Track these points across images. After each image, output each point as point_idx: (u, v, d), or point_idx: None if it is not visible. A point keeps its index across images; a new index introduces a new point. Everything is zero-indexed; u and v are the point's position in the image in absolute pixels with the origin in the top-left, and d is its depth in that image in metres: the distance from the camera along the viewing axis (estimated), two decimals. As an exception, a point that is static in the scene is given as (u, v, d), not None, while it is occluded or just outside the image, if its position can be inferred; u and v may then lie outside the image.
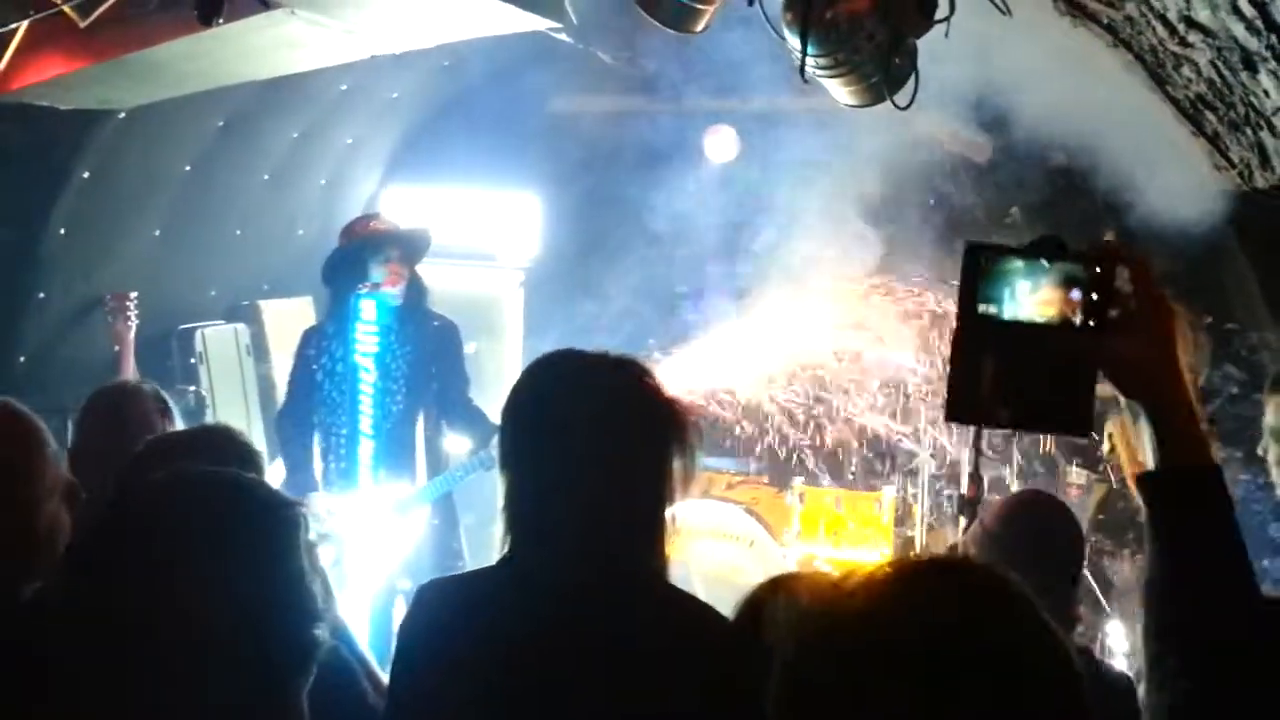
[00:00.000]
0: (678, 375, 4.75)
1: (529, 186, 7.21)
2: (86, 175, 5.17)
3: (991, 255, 1.31)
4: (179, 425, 3.10)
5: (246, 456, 2.36)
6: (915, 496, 5.92)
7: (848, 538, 5.79)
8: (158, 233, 5.79)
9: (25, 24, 3.60)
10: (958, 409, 1.35)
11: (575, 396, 2.01)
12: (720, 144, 7.24)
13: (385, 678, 2.31)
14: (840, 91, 2.89)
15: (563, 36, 5.72)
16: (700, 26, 3.02)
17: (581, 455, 1.95)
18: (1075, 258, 1.30)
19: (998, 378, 1.31)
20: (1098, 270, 1.29)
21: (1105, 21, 2.86)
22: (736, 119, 6.98)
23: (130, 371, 5.14)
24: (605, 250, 6.69)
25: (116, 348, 5.20)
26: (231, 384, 6.37)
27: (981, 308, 1.30)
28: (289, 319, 6.81)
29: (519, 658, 1.90)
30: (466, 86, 7.04)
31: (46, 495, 1.97)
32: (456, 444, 5.11)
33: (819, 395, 6.05)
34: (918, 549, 5.78)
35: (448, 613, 2.03)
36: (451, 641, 1.98)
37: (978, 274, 1.31)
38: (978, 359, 1.31)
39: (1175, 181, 3.54)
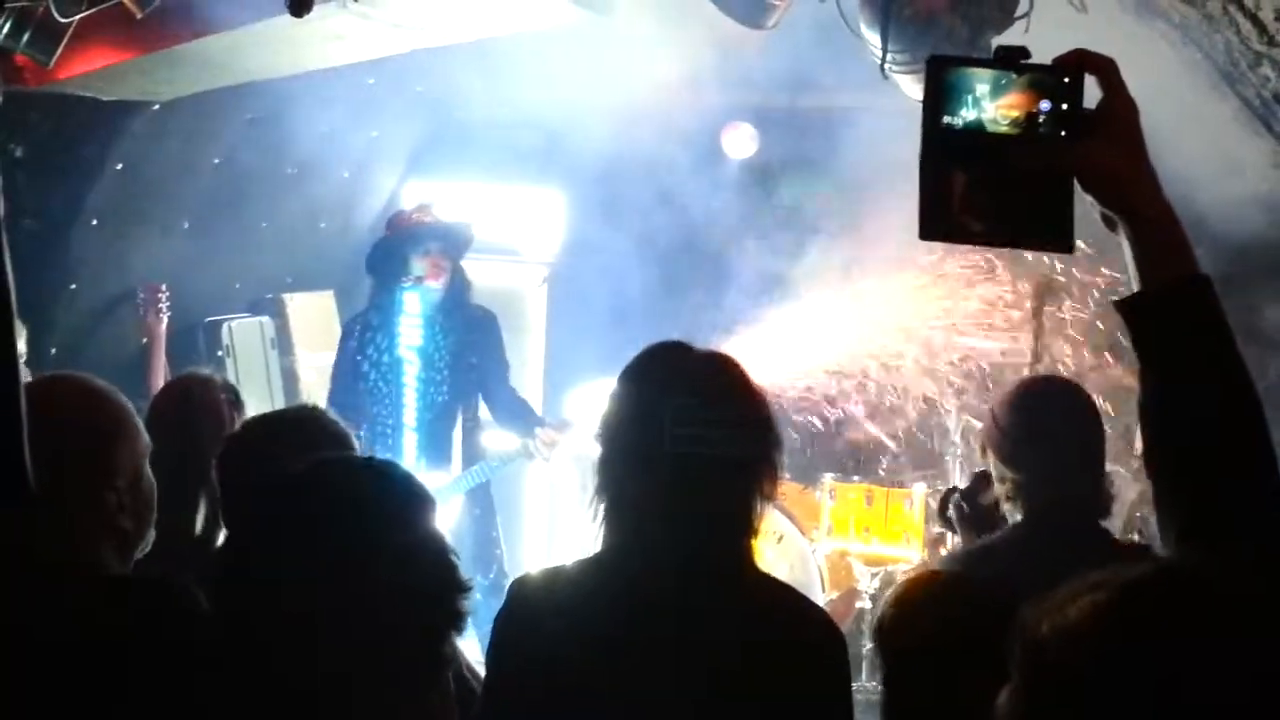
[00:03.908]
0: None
1: (553, 182, 7.21)
2: (119, 167, 5.16)
3: (954, 67, 1.26)
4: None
5: (342, 437, 2.38)
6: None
7: (879, 534, 5.81)
8: (186, 225, 5.78)
9: (80, 15, 3.58)
10: (931, 228, 1.27)
11: (681, 391, 2.01)
12: (738, 140, 7.24)
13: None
14: (914, 88, 2.90)
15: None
16: (772, 22, 3.03)
17: (683, 451, 1.95)
18: (1041, 67, 1.26)
19: (968, 191, 1.26)
20: (1066, 80, 1.25)
21: (1176, 20, 2.89)
22: (761, 114, 6.98)
23: (161, 364, 5.14)
24: (630, 246, 6.69)
25: (145, 340, 5.19)
26: (256, 376, 6.36)
27: (946, 119, 1.25)
28: (312, 312, 6.82)
29: (614, 650, 1.90)
30: (492, 80, 7.03)
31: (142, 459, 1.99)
32: (496, 436, 5.13)
33: (851, 390, 6.06)
34: (948, 546, 5.79)
35: (543, 606, 2.03)
36: (548, 635, 1.98)
37: (941, 87, 1.26)
38: (946, 174, 1.26)
39: (1226, 180, 3.56)
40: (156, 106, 4.99)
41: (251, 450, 2.33)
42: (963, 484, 3.40)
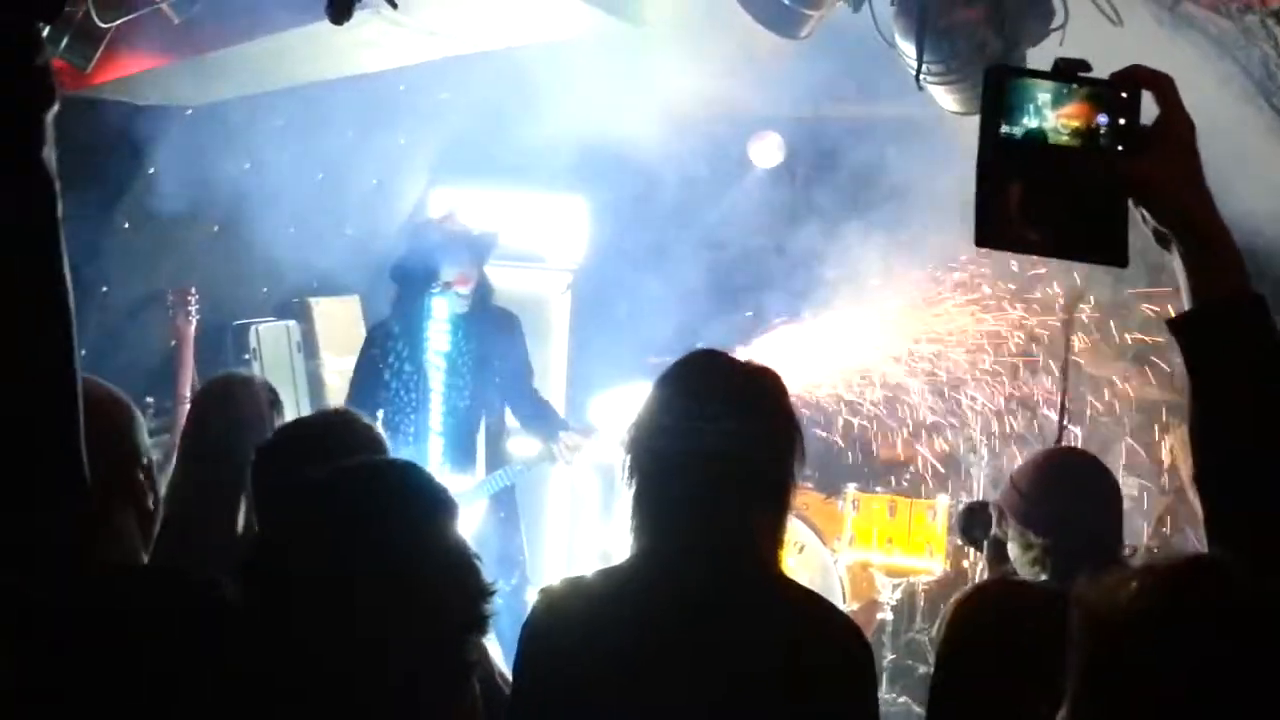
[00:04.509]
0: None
1: (577, 189, 7.23)
2: (151, 171, 5.20)
3: (1014, 77, 1.28)
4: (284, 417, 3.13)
5: (376, 442, 2.39)
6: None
7: (901, 546, 5.79)
8: (216, 229, 5.82)
9: (119, 20, 3.61)
10: (986, 234, 1.29)
11: (718, 401, 2.01)
12: (765, 149, 7.25)
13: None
14: (947, 99, 2.92)
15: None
16: (805, 32, 3.04)
17: (720, 461, 1.96)
18: (1099, 81, 1.27)
19: (1025, 200, 1.27)
20: (1123, 95, 1.26)
21: (1213, 33, 2.89)
22: (789, 123, 6.99)
23: (189, 366, 5.17)
24: (654, 254, 6.71)
25: (173, 342, 5.23)
26: (283, 380, 6.39)
27: (1005, 129, 1.27)
28: (338, 317, 6.86)
29: (640, 660, 1.91)
30: (519, 88, 7.05)
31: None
32: (520, 440, 5.15)
33: (873, 401, 6.06)
34: (971, 558, 5.78)
35: (569, 616, 2.04)
36: (574, 645, 1.98)
37: (1000, 96, 1.27)
38: (1003, 182, 1.27)
39: (1260, 193, 3.55)
40: (189, 111, 5.03)
41: (285, 454, 2.35)
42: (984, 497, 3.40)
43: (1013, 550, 2.74)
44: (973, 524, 3.00)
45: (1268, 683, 0.96)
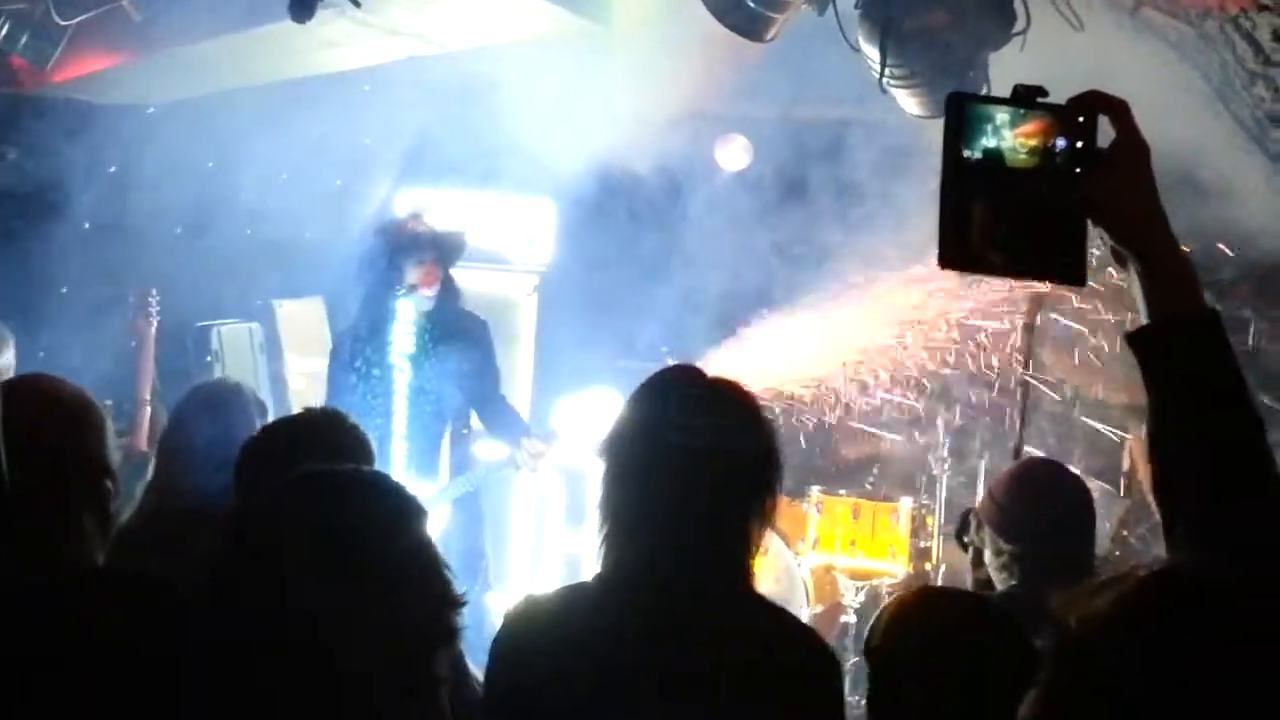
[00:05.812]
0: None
1: (543, 191, 7.21)
2: (112, 170, 5.16)
3: (974, 103, 1.31)
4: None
5: (363, 443, 2.38)
6: (930, 508, 5.93)
7: (864, 549, 5.80)
8: (179, 230, 5.78)
9: (79, 18, 3.58)
10: (950, 257, 1.31)
11: (694, 410, 2.00)
12: (732, 153, 7.26)
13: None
14: (909, 102, 2.94)
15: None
16: (771, 34, 3.05)
17: (697, 476, 1.95)
18: (1057, 106, 1.31)
19: (986, 222, 1.30)
20: (1080, 119, 1.30)
21: (1173, 39, 2.92)
22: (755, 126, 7.00)
23: (149, 368, 5.12)
24: (620, 256, 6.70)
25: (134, 343, 5.17)
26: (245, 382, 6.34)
27: (966, 152, 1.30)
28: (301, 318, 6.81)
29: (610, 676, 1.89)
30: (487, 89, 7.03)
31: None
32: (485, 445, 5.12)
33: (838, 403, 6.07)
34: (933, 561, 5.81)
35: (538, 633, 2.01)
36: (542, 661, 1.96)
37: (961, 120, 1.31)
38: (965, 205, 1.30)
39: (1218, 198, 3.59)
40: (150, 110, 4.99)
41: (270, 454, 2.33)
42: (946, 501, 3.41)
43: (986, 556, 2.82)
44: (965, 528, 3.06)
45: (1244, 692, 0.97)
